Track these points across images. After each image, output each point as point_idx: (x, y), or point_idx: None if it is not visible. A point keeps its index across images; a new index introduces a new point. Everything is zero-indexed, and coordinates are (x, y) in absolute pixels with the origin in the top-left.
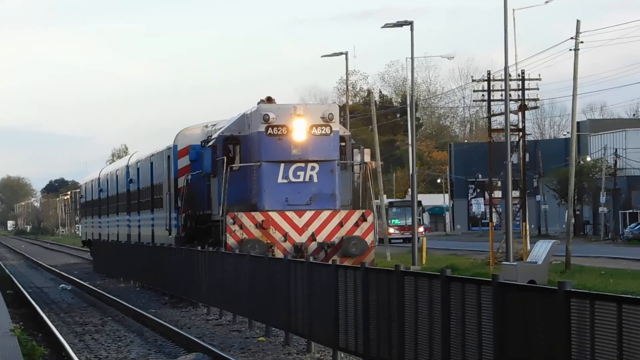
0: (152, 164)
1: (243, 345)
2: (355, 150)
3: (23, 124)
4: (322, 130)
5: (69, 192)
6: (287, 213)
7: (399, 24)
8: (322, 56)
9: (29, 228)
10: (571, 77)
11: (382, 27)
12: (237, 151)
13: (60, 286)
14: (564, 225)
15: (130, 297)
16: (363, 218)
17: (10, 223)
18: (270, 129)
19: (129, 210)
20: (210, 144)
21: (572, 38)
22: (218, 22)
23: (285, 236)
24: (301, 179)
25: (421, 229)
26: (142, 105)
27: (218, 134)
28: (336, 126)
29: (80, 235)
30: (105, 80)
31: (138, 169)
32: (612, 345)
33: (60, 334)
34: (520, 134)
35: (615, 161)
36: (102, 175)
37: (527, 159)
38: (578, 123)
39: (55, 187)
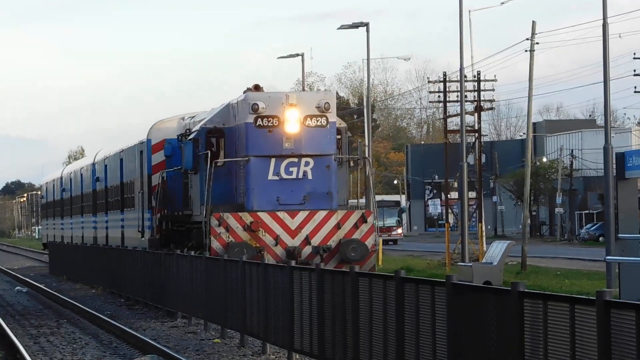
0: (121, 160)
1: (198, 347)
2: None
3: None
4: (317, 121)
5: (25, 195)
6: (279, 214)
7: (355, 26)
8: (279, 57)
9: None
10: (527, 78)
11: (339, 28)
12: (222, 145)
13: (16, 288)
14: (520, 226)
15: (86, 299)
16: (363, 219)
17: None
18: (259, 119)
19: (95, 211)
20: (191, 137)
21: (527, 39)
22: (174, 24)
23: (277, 239)
24: (294, 176)
25: (400, 230)
26: (98, 110)
27: (200, 126)
28: (333, 117)
29: (39, 237)
30: (61, 84)
31: (106, 166)
32: (565, 346)
33: (15, 336)
34: (476, 135)
35: (572, 162)
36: (65, 174)
37: (483, 160)
38: (534, 124)
39: (12, 190)
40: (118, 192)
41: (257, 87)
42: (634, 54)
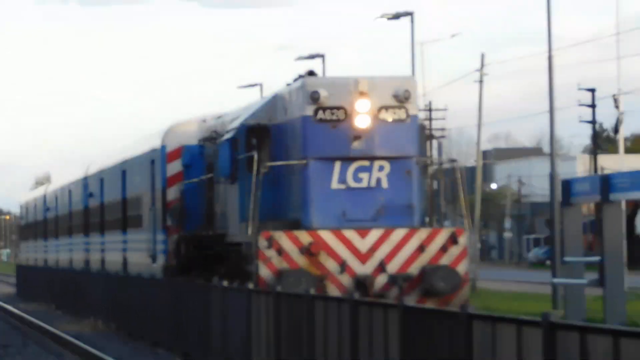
0: (124, 172)
1: None
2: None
3: None
4: (395, 113)
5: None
6: (345, 232)
7: (312, 57)
8: (239, 87)
9: None
10: (477, 107)
11: (296, 59)
12: (266, 146)
13: None
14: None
15: (50, 320)
16: (453, 239)
17: None
18: (320, 112)
19: (87, 231)
20: (228, 136)
21: (477, 70)
22: (141, 55)
23: (343, 265)
24: (365, 184)
25: None
26: (64, 132)
27: (240, 123)
28: (414, 109)
29: (7, 260)
30: (25, 106)
31: (101, 179)
32: None
33: None
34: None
35: (520, 188)
36: (49, 192)
37: (435, 187)
38: (484, 152)
39: None
40: (118, 210)
41: (312, 73)
42: (579, 84)
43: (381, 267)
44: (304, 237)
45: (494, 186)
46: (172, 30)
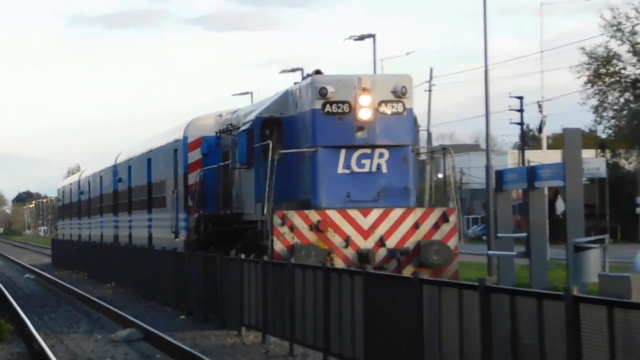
0: (149, 160)
1: (168, 323)
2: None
3: None
4: (393, 107)
5: (33, 202)
6: (350, 212)
7: (293, 70)
8: (233, 95)
9: (1, 230)
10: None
11: (280, 72)
12: (279, 136)
13: (25, 276)
14: None
15: (85, 284)
16: (444, 218)
17: None
18: (328, 105)
19: (116, 211)
20: (244, 128)
21: (427, 82)
22: (152, 67)
23: (347, 240)
24: (367, 169)
25: None
26: (90, 132)
27: (255, 116)
28: (410, 103)
29: (44, 236)
30: (62, 109)
31: (129, 167)
32: (455, 323)
33: (24, 313)
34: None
35: (461, 177)
36: (82, 178)
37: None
38: (432, 148)
39: (23, 198)
40: (145, 193)
41: (318, 72)
42: (510, 93)
43: (381, 242)
44: (314, 215)
45: (440, 176)
46: (181, 49)
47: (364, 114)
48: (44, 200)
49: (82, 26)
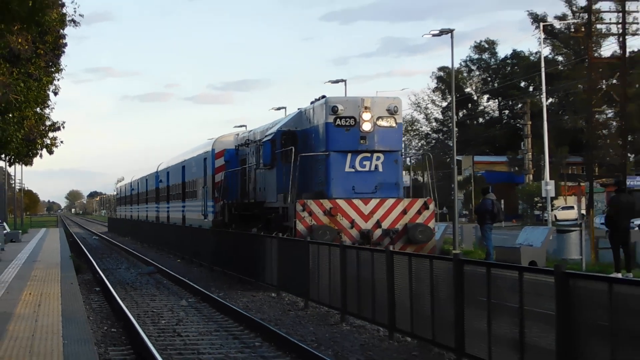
0: (183, 167)
1: (172, 264)
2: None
3: (73, 164)
4: (387, 122)
5: (98, 197)
6: (354, 201)
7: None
8: (269, 109)
9: (81, 212)
10: None
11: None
12: (295, 144)
13: (93, 237)
14: None
15: (135, 249)
16: (425, 206)
17: (73, 210)
18: (338, 120)
19: (158, 201)
20: (268, 138)
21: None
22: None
23: (352, 223)
24: (367, 168)
25: None
26: (126, 157)
27: (277, 129)
28: (400, 118)
29: (104, 215)
30: (114, 145)
31: (168, 172)
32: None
33: (92, 257)
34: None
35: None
36: (132, 181)
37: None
38: None
39: (92, 195)
40: (180, 189)
41: (324, 96)
42: None
43: (378, 224)
44: (327, 203)
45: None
46: (182, 113)
47: (366, 126)
48: (104, 195)
49: (127, 100)
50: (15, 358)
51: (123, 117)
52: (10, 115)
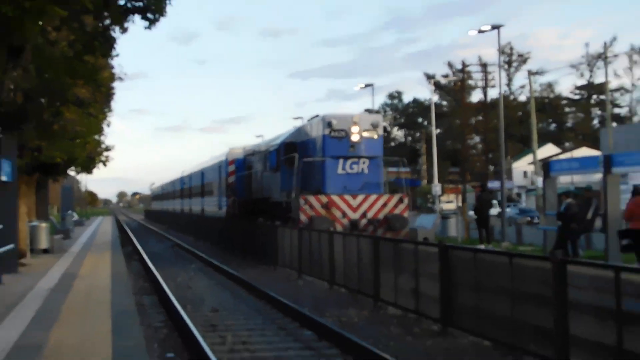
0: (202, 173)
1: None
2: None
3: (120, 173)
4: (370, 133)
5: (138, 195)
6: (345, 196)
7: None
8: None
9: (127, 206)
10: None
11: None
12: (295, 152)
13: (133, 222)
14: None
15: (162, 230)
16: (400, 200)
17: (121, 204)
18: (333, 132)
19: (182, 197)
20: (275, 148)
21: None
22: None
23: (344, 214)
24: (355, 171)
25: None
26: (159, 165)
27: (281, 141)
28: (380, 131)
29: (142, 208)
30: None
31: (190, 177)
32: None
33: (132, 235)
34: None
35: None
36: (162, 184)
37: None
38: None
39: (135, 194)
40: (199, 189)
41: (317, 115)
42: None
43: (364, 215)
44: (323, 198)
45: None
46: (194, 140)
47: (355, 137)
48: (142, 194)
49: (157, 130)
50: (80, 303)
51: (154, 141)
52: (78, 140)
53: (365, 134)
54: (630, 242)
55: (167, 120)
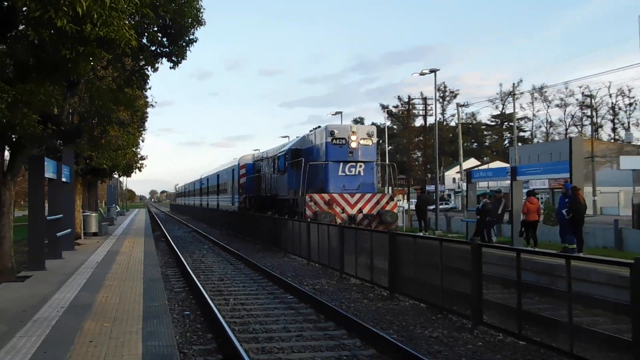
0: (218, 175)
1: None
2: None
3: (153, 176)
4: (366, 141)
5: (165, 193)
6: (344, 194)
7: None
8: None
9: (157, 201)
10: None
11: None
12: (300, 157)
13: (162, 213)
14: None
15: (184, 220)
16: (391, 198)
17: (152, 200)
18: (334, 140)
19: (202, 195)
20: (283, 153)
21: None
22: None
23: (343, 210)
24: (353, 173)
25: None
26: (183, 170)
27: (288, 147)
28: (375, 139)
29: (168, 202)
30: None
31: (207, 179)
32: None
33: (160, 223)
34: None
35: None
36: (185, 184)
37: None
38: None
39: (163, 192)
40: (215, 188)
41: (319, 126)
42: None
43: (360, 211)
44: (326, 196)
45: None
46: (209, 153)
47: (353, 144)
48: (168, 192)
49: (180, 145)
50: (119, 274)
51: (177, 152)
52: (119, 152)
53: (362, 142)
54: (523, 229)
55: (187, 136)
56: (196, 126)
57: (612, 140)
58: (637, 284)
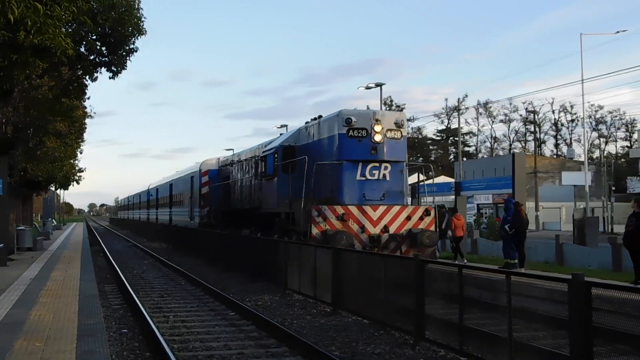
0: (171, 185)
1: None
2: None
3: (91, 188)
4: (394, 134)
5: (104, 206)
6: (364, 207)
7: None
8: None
9: (96, 214)
10: None
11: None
12: (293, 156)
13: (100, 227)
14: None
15: (124, 233)
16: (427, 212)
17: (91, 213)
18: (351, 131)
19: (148, 208)
20: (270, 152)
21: None
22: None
23: (363, 228)
24: (376, 177)
25: None
26: (121, 183)
27: (278, 144)
28: (405, 131)
29: (109, 216)
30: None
31: (157, 189)
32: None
33: (100, 238)
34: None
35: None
36: (128, 196)
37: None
38: None
39: (102, 205)
40: (167, 200)
41: (321, 116)
42: None
43: (385, 229)
44: (339, 209)
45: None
46: (201, 157)
47: (377, 137)
48: (108, 205)
49: (121, 157)
50: (54, 290)
51: (118, 165)
52: (56, 164)
53: (389, 134)
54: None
55: (129, 148)
56: (139, 138)
57: (555, 156)
58: (574, 299)
